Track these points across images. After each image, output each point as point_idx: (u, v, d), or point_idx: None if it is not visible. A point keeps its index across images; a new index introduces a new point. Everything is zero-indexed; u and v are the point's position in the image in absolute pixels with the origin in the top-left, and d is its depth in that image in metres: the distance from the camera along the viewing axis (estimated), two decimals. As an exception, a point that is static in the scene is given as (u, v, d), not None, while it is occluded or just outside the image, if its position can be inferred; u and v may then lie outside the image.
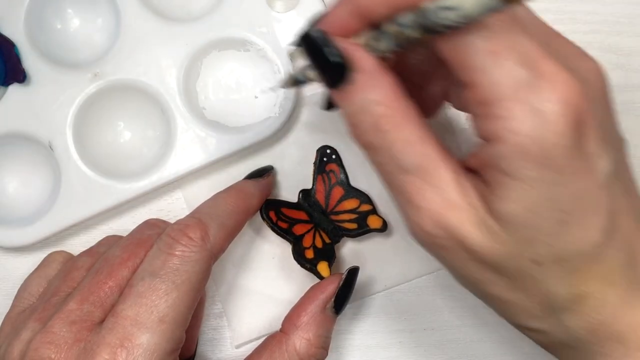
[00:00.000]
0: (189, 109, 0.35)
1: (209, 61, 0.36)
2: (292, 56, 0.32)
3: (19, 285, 0.32)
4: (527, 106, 0.20)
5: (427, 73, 0.28)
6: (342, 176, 0.35)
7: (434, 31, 0.21)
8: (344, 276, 0.32)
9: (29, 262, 0.35)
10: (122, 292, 0.27)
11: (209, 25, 0.35)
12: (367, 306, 0.36)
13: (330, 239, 0.35)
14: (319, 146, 0.36)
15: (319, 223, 0.35)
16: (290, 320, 0.31)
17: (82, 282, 0.28)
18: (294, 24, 0.35)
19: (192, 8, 0.37)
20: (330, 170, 0.35)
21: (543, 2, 0.37)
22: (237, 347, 0.35)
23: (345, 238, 0.35)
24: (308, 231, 0.35)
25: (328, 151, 0.35)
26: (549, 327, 0.24)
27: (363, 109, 0.23)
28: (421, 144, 0.23)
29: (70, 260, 0.32)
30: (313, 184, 0.35)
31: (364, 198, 0.35)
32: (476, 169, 0.23)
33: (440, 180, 0.22)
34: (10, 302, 0.31)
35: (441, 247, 0.23)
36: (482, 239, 0.22)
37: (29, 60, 0.35)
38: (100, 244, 0.33)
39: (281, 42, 0.35)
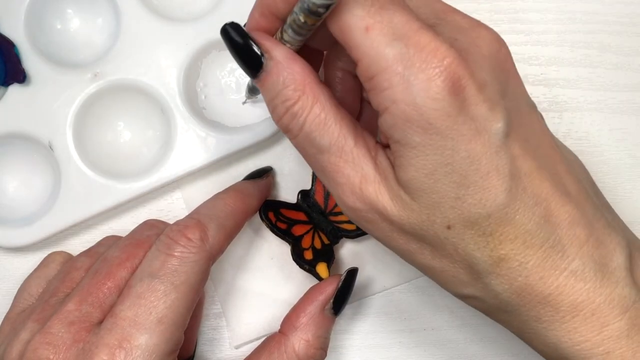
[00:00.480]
0: (189, 109, 0.35)
1: (209, 61, 0.36)
2: (246, 94, 0.34)
3: (19, 285, 0.32)
4: (402, 76, 0.22)
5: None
6: None
7: (314, 13, 0.22)
8: (342, 277, 0.32)
9: (29, 262, 0.35)
10: (121, 292, 0.27)
11: (209, 25, 0.35)
12: (367, 306, 0.36)
13: (329, 240, 0.35)
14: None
15: (318, 224, 0.35)
16: (289, 321, 0.31)
17: (81, 282, 0.28)
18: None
19: (192, 8, 0.37)
20: None
21: (543, 2, 0.38)
22: (237, 347, 0.35)
23: (344, 239, 0.35)
24: (307, 232, 0.35)
25: None
26: (480, 293, 0.25)
27: (277, 93, 0.24)
28: (335, 124, 0.24)
29: (69, 260, 0.32)
30: (312, 185, 0.35)
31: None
32: (382, 142, 0.25)
33: (356, 157, 0.24)
34: (10, 302, 0.32)
35: (366, 220, 0.25)
36: (396, 209, 0.24)
37: (29, 60, 0.35)
38: (99, 244, 0.33)
39: (281, 42, 0.35)
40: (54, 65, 0.35)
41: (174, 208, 0.36)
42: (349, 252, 0.36)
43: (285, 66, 0.24)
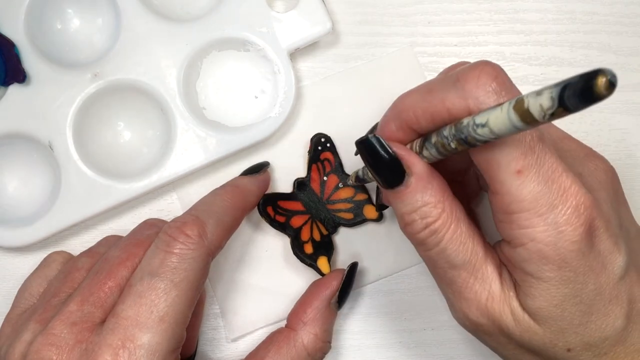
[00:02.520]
0: (189, 109, 0.35)
1: (209, 61, 0.36)
2: (350, 178, 0.34)
3: (19, 286, 0.32)
4: (545, 219, 0.23)
5: (463, 169, 0.31)
6: (337, 164, 0.36)
7: (469, 144, 0.23)
8: (345, 272, 0.33)
9: (29, 262, 0.35)
10: (122, 292, 0.27)
11: (209, 25, 0.35)
12: (367, 306, 0.36)
13: (327, 229, 0.35)
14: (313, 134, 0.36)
15: (315, 213, 0.35)
16: (297, 315, 0.32)
17: (82, 283, 0.28)
18: (294, 24, 0.35)
19: (192, 8, 0.37)
20: (325, 159, 0.35)
21: (543, 2, 0.38)
22: (233, 340, 0.35)
23: (340, 227, 0.36)
24: (305, 222, 0.35)
25: (322, 139, 0.36)
26: None
27: (416, 209, 0.25)
28: (470, 241, 0.25)
29: (70, 260, 0.32)
30: (308, 173, 0.35)
31: (360, 187, 0.35)
32: (504, 263, 0.26)
33: (485, 274, 0.25)
34: (11, 302, 0.31)
35: (485, 332, 0.26)
36: (519, 330, 0.25)
37: (29, 60, 0.35)
38: (100, 244, 0.33)
39: (281, 42, 0.35)
40: (54, 65, 0.35)
41: (174, 208, 0.36)
42: (344, 241, 0.36)
43: (426, 183, 0.25)
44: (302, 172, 0.36)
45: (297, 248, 0.34)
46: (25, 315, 0.29)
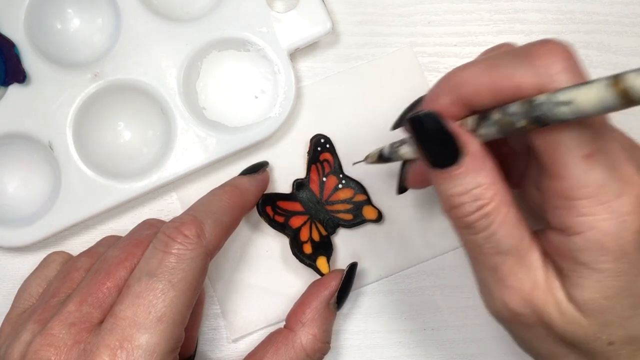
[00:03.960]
0: (189, 109, 0.35)
1: (209, 61, 0.36)
2: (369, 157, 0.32)
3: (19, 286, 0.32)
4: (608, 207, 0.22)
5: (512, 153, 0.29)
6: (336, 165, 0.36)
7: (542, 122, 0.21)
8: (344, 272, 0.33)
9: (29, 262, 0.35)
10: (121, 292, 0.27)
11: (209, 25, 0.35)
12: (367, 306, 0.36)
13: (326, 230, 0.35)
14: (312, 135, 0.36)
15: (314, 214, 0.35)
16: (295, 316, 0.32)
17: (81, 283, 0.28)
18: (294, 24, 0.35)
19: (192, 8, 0.37)
20: (325, 160, 0.35)
21: (543, 2, 0.38)
22: (234, 341, 0.35)
23: (339, 227, 0.35)
24: (304, 223, 0.35)
25: (322, 140, 0.36)
26: None
27: (468, 191, 0.24)
28: (519, 227, 0.24)
29: (69, 260, 0.32)
30: (307, 174, 0.35)
31: (359, 188, 0.35)
32: (548, 252, 0.25)
33: (531, 262, 0.24)
34: (10, 302, 0.31)
35: (523, 324, 0.25)
36: (563, 322, 0.24)
37: (29, 60, 0.35)
38: (99, 244, 0.33)
39: (281, 42, 0.35)
40: (54, 65, 0.35)
41: (174, 208, 0.36)
42: (344, 241, 0.36)
43: (480, 163, 0.24)
44: (301, 173, 0.36)
45: (296, 248, 0.34)
46: (24, 315, 0.29)
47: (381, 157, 0.31)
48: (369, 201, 0.35)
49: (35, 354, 0.26)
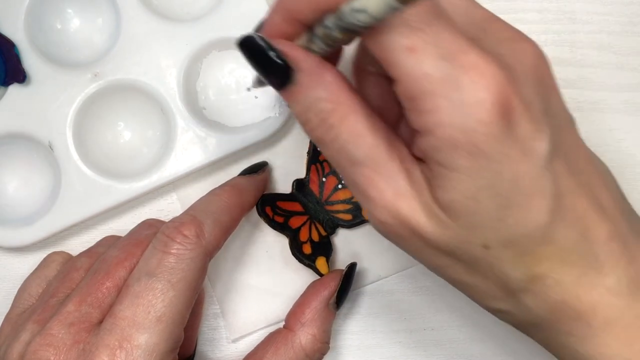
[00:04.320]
0: (189, 109, 0.35)
1: (209, 61, 0.36)
2: (255, 80, 0.32)
3: (19, 286, 0.32)
4: (449, 99, 0.21)
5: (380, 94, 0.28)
6: None
7: (353, 31, 0.21)
8: (344, 272, 0.33)
9: (29, 262, 0.35)
10: (120, 292, 0.27)
11: (209, 25, 0.35)
12: (366, 306, 0.36)
13: (325, 230, 0.35)
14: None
15: (314, 214, 0.35)
16: (295, 316, 0.32)
17: (80, 283, 0.28)
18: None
19: (192, 8, 0.37)
20: (324, 160, 0.35)
21: (543, 2, 0.38)
22: (234, 341, 0.35)
23: (339, 228, 0.36)
24: (304, 223, 0.35)
25: None
26: (511, 308, 0.24)
27: (309, 106, 0.23)
28: (370, 135, 0.23)
29: (69, 261, 0.32)
30: (307, 174, 0.35)
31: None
32: (420, 158, 0.23)
33: (390, 170, 0.23)
34: (10, 302, 0.32)
35: (398, 236, 0.24)
36: (432, 227, 0.23)
37: (29, 60, 0.35)
38: (99, 244, 0.33)
39: (281, 42, 0.35)
40: (54, 65, 0.35)
41: (174, 208, 0.36)
42: (343, 241, 0.36)
43: (317, 77, 0.23)
44: (301, 173, 0.36)
45: (296, 248, 0.34)
46: (24, 315, 0.29)
47: (259, 82, 0.30)
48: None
49: (34, 354, 0.26)
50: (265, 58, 0.23)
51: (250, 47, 0.24)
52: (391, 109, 0.27)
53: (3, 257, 0.36)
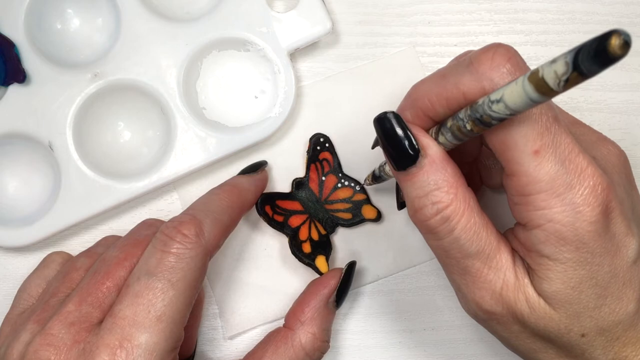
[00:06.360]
0: (189, 109, 0.35)
1: (209, 61, 0.36)
2: (366, 179, 0.34)
3: (19, 286, 0.32)
4: (562, 199, 0.23)
5: (467, 163, 0.31)
6: (335, 164, 0.36)
7: (485, 123, 0.23)
8: (343, 271, 0.33)
9: (29, 262, 0.35)
10: (120, 292, 0.27)
11: (209, 25, 0.35)
12: (366, 306, 0.36)
13: (325, 229, 0.35)
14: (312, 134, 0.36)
15: (314, 213, 0.35)
16: (295, 315, 0.32)
17: (80, 283, 0.28)
18: (294, 24, 0.35)
19: (192, 8, 0.37)
20: (324, 159, 0.35)
21: (543, 2, 0.38)
22: (230, 338, 0.35)
23: (338, 227, 0.36)
24: (303, 222, 0.35)
25: (321, 139, 0.36)
26: None
27: (427, 193, 0.25)
28: (483, 230, 0.25)
29: (69, 261, 0.32)
30: (306, 173, 0.35)
31: (358, 187, 0.36)
32: (517, 250, 0.26)
33: (499, 263, 0.25)
34: (10, 302, 0.31)
35: (498, 322, 0.26)
36: (535, 317, 0.25)
37: (29, 60, 0.35)
38: (98, 244, 0.33)
39: (281, 42, 0.35)
40: (54, 65, 0.35)
41: (174, 208, 0.36)
42: (343, 240, 0.36)
43: (440, 166, 0.24)
44: (300, 172, 0.36)
45: (295, 247, 0.34)
46: (24, 315, 0.29)
47: (374, 178, 0.33)
48: (368, 200, 0.35)
49: (34, 354, 0.26)
50: (396, 136, 0.25)
51: (386, 124, 0.25)
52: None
53: (3, 257, 0.36)
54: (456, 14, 0.37)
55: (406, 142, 0.24)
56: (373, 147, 0.33)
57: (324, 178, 0.35)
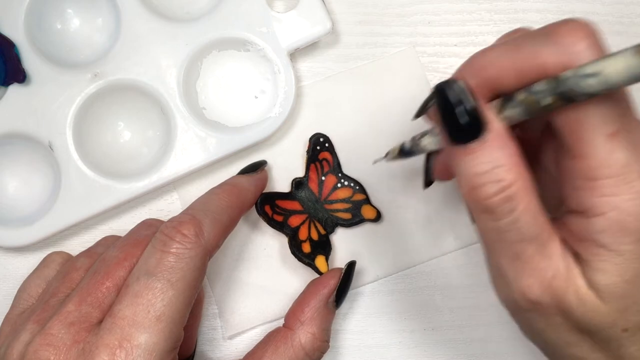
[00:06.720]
0: (189, 109, 0.35)
1: (209, 61, 0.36)
2: (389, 153, 0.32)
3: (19, 286, 0.32)
4: (631, 187, 0.22)
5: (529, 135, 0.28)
6: (335, 164, 0.36)
7: (571, 99, 0.21)
8: (343, 271, 0.33)
9: (29, 262, 0.35)
10: (120, 292, 0.27)
11: (209, 25, 0.35)
12: (367, 306, 0.36)
13: (325, 229, 0.35)
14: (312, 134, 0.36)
15: (313, 213, 0.35)
16: (294, 315, 0.32)
17: (80, 283, 0.28)
18: (294, 24, 0.35)
19: (192, 8, 0.37)
20: (324, 159, 0.35)
21: (543, 2, 0.38)
22: (230, 338, 0.35)
23: (338, 227, 0.36)
24: (303, 222, 0.35)
25: (321, 139, 0.36)
26: None
27: (489, 170, 0.23)
28: (542, 215, 0.23)
29: (68, 261, 0.32)
30: (306, 173, 0.35)
31: (358, 187, 0.35)
32: (567, 239, 0.24)
33: (552, 250, 0.24)
34: (10, 302, 0.31)
35: (541, 313, 0.24)
36: (582, 309, 0.23)
37: (29, 60, 0.35)
38: (98, 244, 0.33)
39: (281, 42, 0.35)
40: (54, 65, 0.35)
41: (174, 208, 0.36)
42: (342, 240, 0.36)
43: (504, 143, 0.23)
44: (300, 172, 0.36)
45: (295, 247, 0.34)
46: (24, 315, 0.29)
47: (402, 152, 0.30)
48: (368, 200, 0.35)
49: (34, 354, 0.26)
50: (460, 107, 0.23)
51: (450, 95, 0.23)
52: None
53: (3, 257, 0.36)
54: (456, 14, 0.37)
55: (472, 115, 0.22)
56: (416, 117, 0.30)
57: (323, 178, 0.35)
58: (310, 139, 0.36)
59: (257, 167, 0.35)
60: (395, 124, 0.36)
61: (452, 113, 0.23)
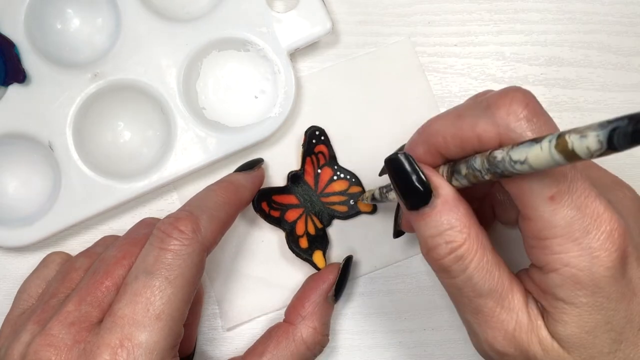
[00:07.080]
0: (189, 109, 0.35)
1: (209, 61, 0.36)
2: (363, 198, 0.34)
3: (19, 286, 0.32)
4: (579, 244, 0.23)
5: (478, 198, 0.31)
6: (331, 157, 0.36)
7: (504, 176, 0.23)
8: (341, 265, 0.34)
9: (29, 262, 0.35)
10: (119, 291, 0.27)
11: (209, 25, 0.35)
12: (367, 306, 0.36)
13: (321, 222, 0.35)
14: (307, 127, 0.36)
15: (310, 206, 0.35)
16: (295, 310, 0.32)
17: (80, 283, 0.28)
18: (294, 24, 0.35)
19: (192, 8, 0.37)
20: (319, 152, 0.36)
21: (543, 2, 0.38)
22: (228, 329, 0.35)
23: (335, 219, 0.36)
24: (300, 216, 0.35)
25: (317, 132, 0.36)
26: None
27: (440, 232, 0.24)
28: (496, 269, 0.25)
29: (68, 261, 0.32)
30: (302, 166, 0.35)
31: (354, 179, 0.36)
32: (531, 292, 0.25)
33: (512, 303, 0.25)
34: (11, 302, 0.31)
35: None
36: (547, 358, 0.25)
37: (29, 60, 0.35)
38: (97, 244, 0.33)
39: (281, 42, 0.35)
40: (54, 65, 0.35)
41: (174, 208, 0.36)
42: (339, 232, 0.36)
43: (453, 206, 0.24)
44: (295, 165, 0.36)
45: (293, 243, 0.35)
46: (24, 316, 0.29)
47: (374, 199, 0.33)
48: (363, 193, 0.36)
49: (35, 355, 0.26)
50: (408, 177, 0.25)
51: (398, 165, 0.25)
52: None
53: (3, 257, 0.36)
54: (456, 14, 0.37)
55: (419, 184, 0.24)
56: (380, 175, 0.33)
57: (319, 171, 0.36)
58: (306, 132, 0.36)
59: (254, 165, 0.35)
60: (391, 115, 0.36)
61: (403, 182, 0.25)
